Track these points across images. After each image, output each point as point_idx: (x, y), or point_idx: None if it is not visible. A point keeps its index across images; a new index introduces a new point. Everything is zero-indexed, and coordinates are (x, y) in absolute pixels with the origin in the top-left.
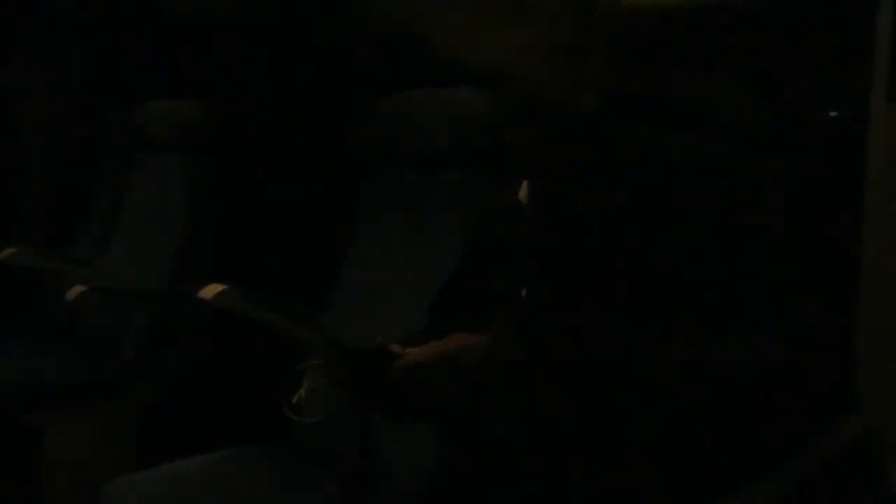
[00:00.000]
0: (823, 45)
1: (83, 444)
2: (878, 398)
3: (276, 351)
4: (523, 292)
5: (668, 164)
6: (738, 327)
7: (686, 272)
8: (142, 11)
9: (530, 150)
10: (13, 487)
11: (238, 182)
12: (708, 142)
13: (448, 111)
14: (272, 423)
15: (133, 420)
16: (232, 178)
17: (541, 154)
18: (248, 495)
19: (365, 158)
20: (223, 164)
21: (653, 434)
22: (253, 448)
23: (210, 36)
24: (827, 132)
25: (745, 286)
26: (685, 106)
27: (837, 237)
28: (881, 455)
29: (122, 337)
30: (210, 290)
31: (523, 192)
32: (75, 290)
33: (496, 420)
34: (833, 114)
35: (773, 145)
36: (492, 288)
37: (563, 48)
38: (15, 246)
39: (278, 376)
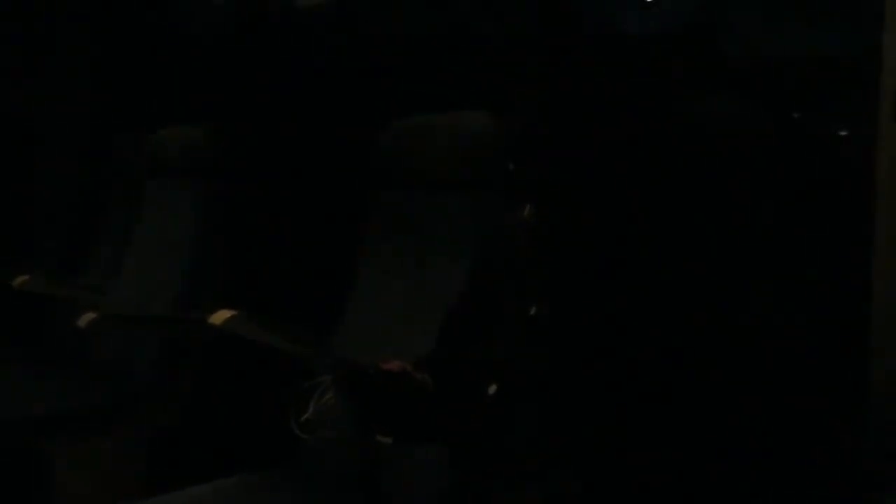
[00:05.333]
0: None
1: (93, 470)
2: None
3: (285, 376)
4: (532, 311)
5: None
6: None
7: (692, 286)
8: (149, 39)
9: (536, 171)
10: None
11: (246, 206)
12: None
13: (454, 135)
14: (283, 448)
15: (144, 446)
16: (240, 203)
17: (547, 175)
18: None
19: (372, 181)
20: (232, 188)
21: (655, 449)
22: (264, 473)
23: (217, 61)
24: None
25: (752, 300)
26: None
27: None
28: None
29: (133, 363)
30: (220, 316)
31: (529, 213)
32: (87, 317)
33: (508, 441)
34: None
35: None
36: (500, 308)
37: None
38: (27, 273)
39: (288, 401)
